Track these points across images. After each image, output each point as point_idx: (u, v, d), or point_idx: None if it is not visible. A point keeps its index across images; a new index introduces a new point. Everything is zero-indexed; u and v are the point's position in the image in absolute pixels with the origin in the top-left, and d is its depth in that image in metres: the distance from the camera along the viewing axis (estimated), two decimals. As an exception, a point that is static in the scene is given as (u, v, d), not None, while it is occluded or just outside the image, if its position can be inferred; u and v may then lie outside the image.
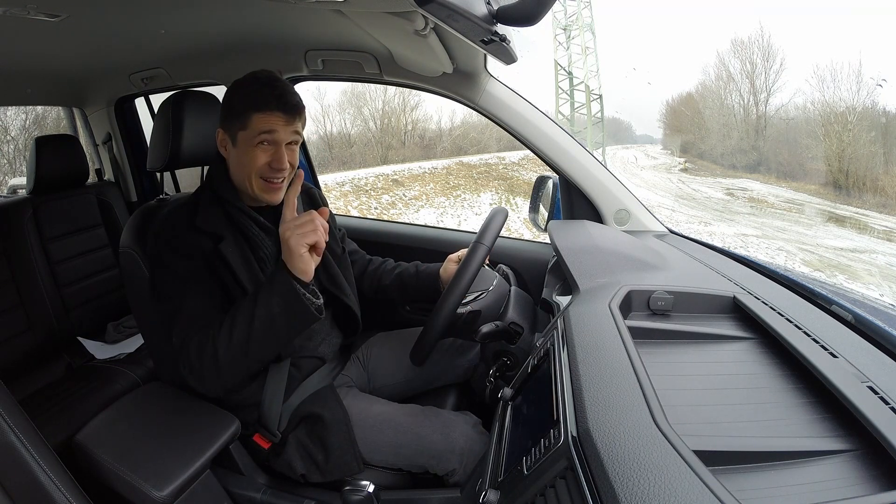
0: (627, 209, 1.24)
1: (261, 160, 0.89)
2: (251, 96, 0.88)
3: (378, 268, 1.24)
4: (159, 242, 0.91)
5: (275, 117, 0.88)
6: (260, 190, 0.92)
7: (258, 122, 0.88)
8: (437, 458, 0.92)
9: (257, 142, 0.88)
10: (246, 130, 0.89)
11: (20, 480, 0.64)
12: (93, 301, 1.71)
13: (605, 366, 0.56)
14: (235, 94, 0.90)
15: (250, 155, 0.89)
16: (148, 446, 0.91)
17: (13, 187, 5.96)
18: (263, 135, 0.88)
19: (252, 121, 0.88)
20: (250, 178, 0.91)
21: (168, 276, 0.89)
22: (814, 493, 0.41)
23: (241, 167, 0.91)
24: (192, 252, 0.89)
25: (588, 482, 0.43)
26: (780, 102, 17.80)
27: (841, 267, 8.57)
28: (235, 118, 0.89)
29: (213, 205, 0.94)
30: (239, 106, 0.89)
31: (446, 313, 0.94)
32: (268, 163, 0.90)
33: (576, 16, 18.34)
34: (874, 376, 0.52)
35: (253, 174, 0.90)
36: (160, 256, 0.91)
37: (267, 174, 0.91)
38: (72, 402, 1.32)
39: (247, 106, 0.88)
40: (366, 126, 19.69)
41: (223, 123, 0.92)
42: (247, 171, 0.90)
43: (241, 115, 0.88)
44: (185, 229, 0.91)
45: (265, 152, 0.89)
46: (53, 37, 1.08)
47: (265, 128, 0.88)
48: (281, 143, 0.90)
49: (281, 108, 0.88)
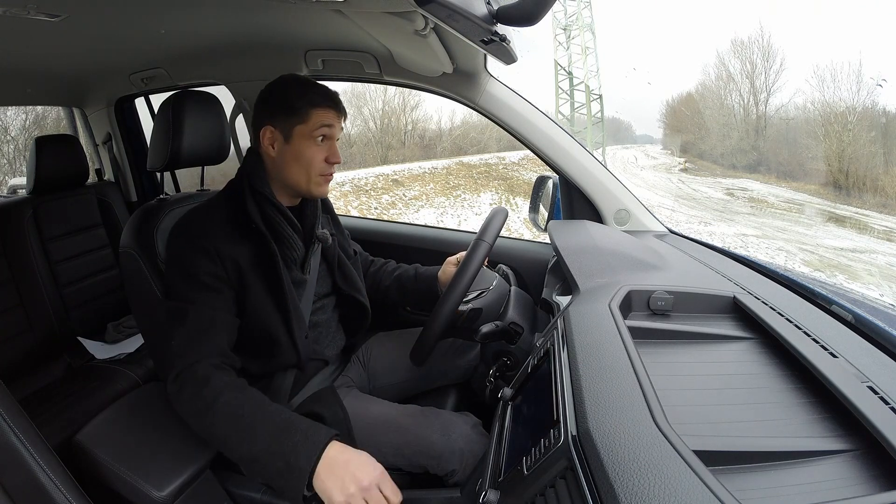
0: (627, 209, 1.24)
1: (320, 155, 0.93)
2: (307, 94, 0.91)
3: (379, 269, 1.24)
4: (182, 241, 0.89)
5: (331, 113, 0.92)
6: (316, 184, 0.95)
7: (318, 116, 0.91)
8: (437, 458, 0.92)
9: (317, 136, 0.91)
10: (305, 125, 0.91)
11: (20, 480, 0.64)
12: (93, 301, 1.71)
13: (605, 366, 0.56)
14: (290, 91, 0.92)
15: (311, 150, 0.92)
16: (148, 446, 0.91)
17: (13, 187, 5.95)
18: (323, 128, 0.91)
19: (311, 116, 0.90)
20: (309, 172, 0.93)
21: (185, 278, 0.87)
22: (814, 493, 0.41)
23: (299, 162, 0.92)
24: (223, 258, 0.87)
25: (588, 482, 0.43)
26: (780, 102, 17.82)
27: (841, 267, 8.56)
28: (293, 113, 0.91)
29: (254, 203, 0.93)
30: (298, 102, 0.90)
31: (447, 313, 0.94)
32: (325, 157, 0.93)
33: (576, 16, 18.34)
34: (874, 376, 0.52)
35: (312, 169, 0.93)
36: (181, 256, 0.88)
37: (324, 169, 0.94)
38: (72, 402, 1.32)
39: (305, 102, 0.90)
40: (366, 126, 19.70)
41: (273, 120, 0.92)
42: (305, 166, 0.93)
43: (299, 110, 0.90)
44: (220, 233, 0.88)
45: (322, 147, 0.93)
46: (53, 37, 1.08)
47: (326, 121, 0.91)
48: (335, 137, 0.95)
49: (334, 105, 0.93)
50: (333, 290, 1.09)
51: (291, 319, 0.93)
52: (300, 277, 0.98)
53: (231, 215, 0.91)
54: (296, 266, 0.97)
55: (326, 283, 1.08)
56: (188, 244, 0.88)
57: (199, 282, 0.86)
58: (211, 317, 0.85)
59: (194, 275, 0.86)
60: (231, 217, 0.91)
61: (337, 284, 1.08)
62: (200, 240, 0.87)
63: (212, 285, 0.87)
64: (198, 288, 0.86)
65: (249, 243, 0.90)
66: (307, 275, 1.00)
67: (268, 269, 0.91)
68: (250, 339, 0.92)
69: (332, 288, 1.09)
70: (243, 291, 0.90)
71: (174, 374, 0.81)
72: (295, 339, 0.93)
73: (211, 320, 0.85)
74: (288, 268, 0.95)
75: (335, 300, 1.11)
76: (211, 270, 0.87)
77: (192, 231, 0.89)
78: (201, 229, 0.89)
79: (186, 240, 0.89)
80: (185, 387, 0.80)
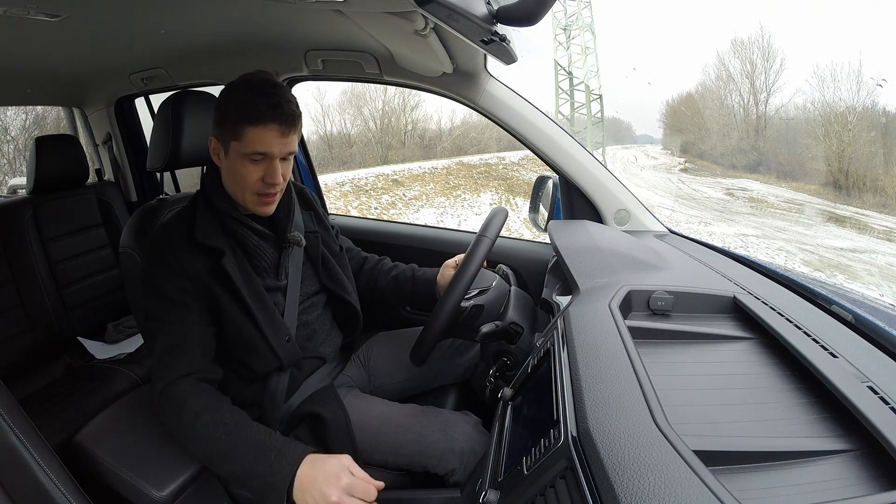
0: (627, 209, 1.24)
1: (254, 175, 0.85)
2: (245, 106, 0.82)
3: (374, 267, 1.23)
4: (152, 258, 0.89)
5: (269, 131, 0.82)
6: (252, 204, 0.89)
7: (252, 135, 0.82)
8: (438, 457, 0.92)
9: (252, 156, 0.84)
10: (239, 142, 0.83)
11: (20, 480, 0.64)
12: (93, 301, 1.71)
13: (605, 366, 0.56)
14: (229, 102, 0.84)
15: (244, 169, 0.85)
16: (148, 446, 0.91)
17: (13, 187, 5.96)
18: (257, 150, 0.83)
19: (246, 134, 0.82)
20: (243, 191, 0.88)
21: (155, 294, 0.87)
22: (814, 493, 0.41)
23: (234, 180, 0.87)
24: (187, 271, 0.87)
25: (588, 482, 0.43)
26: (780, 102, 17.81)
27: (841, 267, 8.56)
28: (228, 128, 0.84)
29: (210, 216, 0.91)
30: (232, 115, 0.83)
31: (447, 311, 0.93)
32: (261, 177, 0.86)
33: (576, 16, 18.34)
34: (874, 376, 0.51)
35: (246, 188, 0.87)
36: (150, 273, 0.89)
37: (260, 189, 0.87)
38: (72, 402, 1.32)
39: (240, 117, 0.82)
40: (366, 126, 19.72)
41: (216, 131, 0.88)
42: (240, 184, 0.87)
43: (234, 125, 0.83)
44: (182, 246, 0.88)
45: (259, 166, 0.85)
46: (53, 37, 1.08)
47: (259, 144, 0.83)
48: (275, 157, 0.85)
49: (276, 120, 0.82)
50: (322, 289, 1.08)
51: (262, 326, 0.91)
52: (274, 284, 0.97)
53: (191, 228, 0.90)
54: (268, 273, 0.96)
55: (313, 283, 1.06)
56: (154, 258, 0.89)
57: (165, 297, 0.86)
58: (181, 333, 0.86)
59: (161, 290, 0.86)
60: (191, 230, 0.90)
61: (324, 283, 1.07)
62: (164, 254, 0.87)
63: (177, 299, 0.86)
64: (165, 304, 0.86)
65: (207, 258, 0.89)
66: (283, 280, 0.98)
67: (227, 282, 0.89)
68: (230, 346, 0.93)
69: (319, 287, 1.07)
70: (214, 302, 0.89)
71: (157, 393, 0.84)
72: (272, 344, 0.92)
73: (182, 337, 0.85)
74: (260, 276, 0.94)
75: (325, 298, 1.09)
76: (176, 284, 0.86)
77: (158, 245, 0.89)
78: (165, 243, 0.88)
79: (154, 254, 0.89)
80: (165, 407, 0.83)
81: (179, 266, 0.86)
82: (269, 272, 0.96)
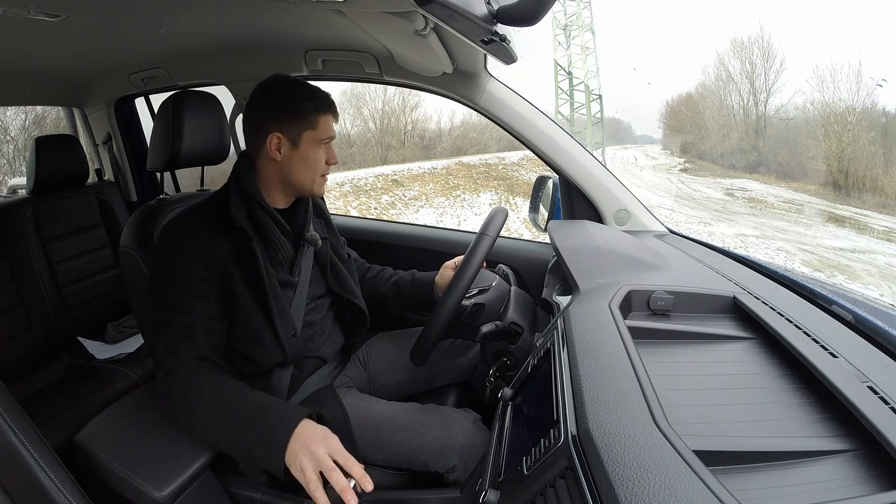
0: (627, 209, 1.24)
1: (324, 158, 0.97)
2: (313, 99, 0.94)
3: (376, 276, 1.25)
4: (169, 244, 0.91)
5: (331, 118, 0.97)
6: (319, 185, 0.99)
7: (324, 123, 0.95)
8: (438, 454, 0.92)
9: (324, 141, 0.96)
10: (315, 130, 0.94)
11: (20, 480, 0.64)
12: (93, 301, 1.71)
13: (605, 366, 0.56)
14: (297, 97, 0.94)
15: (317, 154, 0.96)
16: (148, 446, 0.91)
17: (13, 187, 5.95)
18: (329, 135, 0.96)
19: (320, 122, 0.95)
20: (313, 175, 0.97)
21: (168, 279, 0.88)
22: (814, 493, 0.41)
23: (307, 166, 0.96)
24: (205, 258, 0.89)
25: (588, 482, 0.43)
26: (779, 103, 17.83)
27: (841, 267, 8.57)
28: (302, 119, 0.93)
29: (239, 203, 0.94)
30: (307, 107, 0.93)
31: (448, 311, 0.94)
32: (326, 159, 0.98)
33: (576, 16, 18.35)
34: (874, 376, 0.51)
35: (317, 172, 0.97)
36: (165, 259, 0.90)
37: (325, 170, 0.99)
38: (72, 402, 1.32)
39: (313, 108, 0.94)
40: (365, 126, 19.70)
41: (279, 126, 0.93)
42: (313, 169, 0.97)
43: (308, 116, 0.94)
44: (203, 233, 0.90)
45: (326, 150, 0.97)
46: (53, 37, 1.08)
47: (330, 130, 0.96)
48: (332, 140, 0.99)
49: (331, 109, 0.97)
50: (328, 293, 1.10)
51: (274, 317, 0.93)
52: (287, 279, 0.99)
53: (217, 216, 0.93)
54: (283, 268, 0.98)
55: (320, 286, 1.09)
56: (173, 245, 0.90)
57: (181, 284, 0.88)
58: (191, 323, 0.87)
59: (176, 276, 0.88)
60: (216, 218, 0.93)
61: (330, 286, 1.09)
62: (185, 241, 0.89)
63: (194, 286, 0.88)
64: (180, 290, 0.88)
65: (232, 242, 0.92)
66: (296, 276, 1.01)
67: (250, 267, 0.92)
68: (236, 338, 0.94)
69: (326, 290, 1.10)
70: (228, 291, 0.91)
71: (161, 376, 0.85)
72: (279, 336, 0.94)
73: (191, 326, 0.87)
74: (275, 269, 0.96)
75: (330, 301, 1.11)
76: (194, 271, 0.88)
77: (178, 233, 0.91)
78: (186, 231, 0.91)
79: (172, 241, 0.91)
80: (171, 387, 0.84)
81: (198, 253, 0.89)
82: (283, 266, 0.98)
